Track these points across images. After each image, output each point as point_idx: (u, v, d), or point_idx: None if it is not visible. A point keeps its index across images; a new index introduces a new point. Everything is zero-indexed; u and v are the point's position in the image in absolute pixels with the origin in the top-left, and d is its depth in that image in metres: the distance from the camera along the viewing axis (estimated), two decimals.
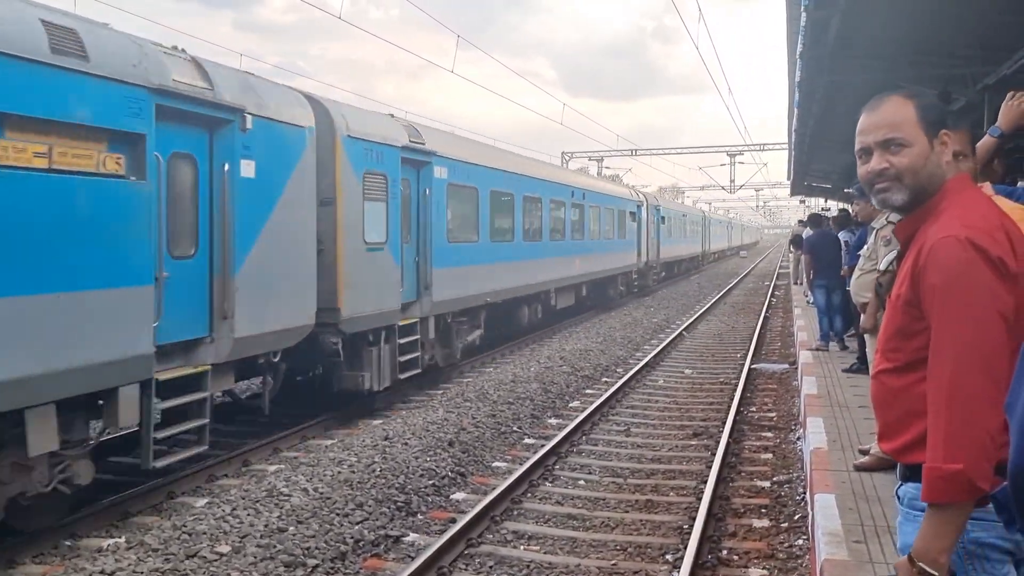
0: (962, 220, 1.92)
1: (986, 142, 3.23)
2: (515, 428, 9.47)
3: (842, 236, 11.34)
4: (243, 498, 6.63)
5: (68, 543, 6.16)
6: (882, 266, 5.89)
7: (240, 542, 5.74)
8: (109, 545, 5.90)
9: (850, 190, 13.71)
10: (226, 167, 7.44)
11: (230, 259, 7.45)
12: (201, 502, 6.88)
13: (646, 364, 13.39)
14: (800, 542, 5.92)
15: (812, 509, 5.34)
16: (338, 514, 6.36)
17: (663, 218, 31.04)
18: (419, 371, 11.19)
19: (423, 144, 11.32)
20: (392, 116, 11.31)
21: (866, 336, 7.42)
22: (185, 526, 6.03)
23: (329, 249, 9.07)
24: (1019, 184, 3.29)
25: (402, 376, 10.66)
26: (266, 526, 6.02)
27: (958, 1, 7.66)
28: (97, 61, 5.98)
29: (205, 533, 5.88)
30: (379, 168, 10.02)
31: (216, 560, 5.49)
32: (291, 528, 6.01)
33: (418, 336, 11.16)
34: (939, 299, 1.87)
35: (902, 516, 2.06)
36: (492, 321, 14.38)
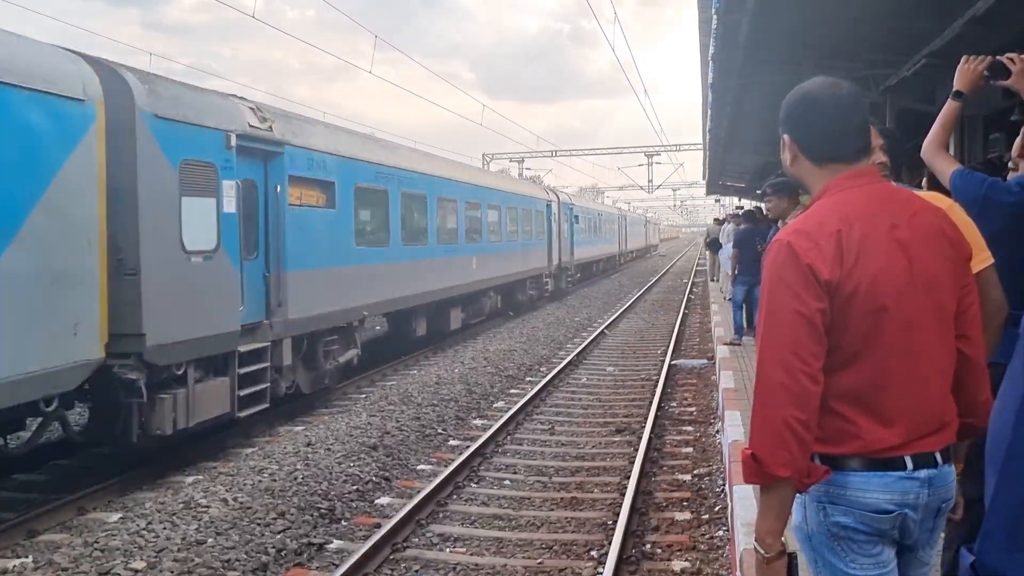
0: (800, 223, 2.03)
1: (949, 106, 3.27)
2: (440, 430, 9.43)
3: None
4: (159, 511, 6.43)
5: None
6: None
7: (156, 557, 5.56)
8: (15, 566, 5.63)
9: (760, 191, 14.09)
10: None
11: None
12: (114, 517, 6.63)
13: (569, 362, 13.51)
14: (720, 533, 6.05)
15: (731, 501, 5.47)
16: (259, 524, 6.22)
17: (577, 217, 30.00)
18: (266, 405, 9.19)
19: (270, 131, 9.43)
20: (234, 96, 9.46)
21: None
22: (97, 542, 5.81)
23: (131, 257, 7.24)
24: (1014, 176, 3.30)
25: (241, 414, 8.72)
26: (183, 539, 5.84)
27: (860, 8, 7.95)
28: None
29: (119, 549, 5.67)
30: (204, 157, 8.23)
31: None
32: (210, 540, 5.85)
33: (267, 363, 9.25)
34: (761, 296, 2.01)
35: None
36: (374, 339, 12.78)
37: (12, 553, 6.10)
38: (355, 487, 7.24)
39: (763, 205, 12.22)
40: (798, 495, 2.04)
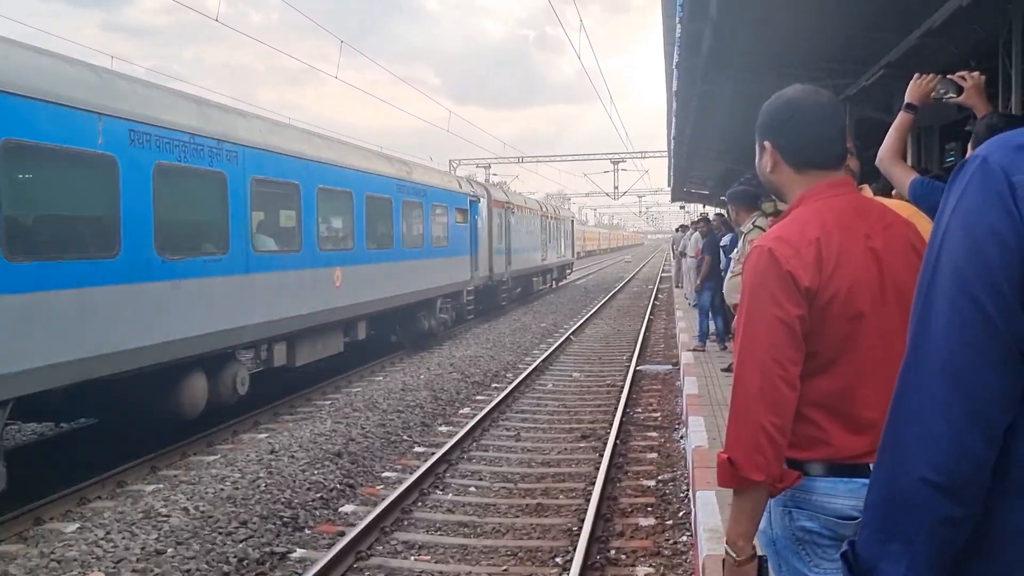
0: (780, 230, 2.04)
1: (902, 118, 3.34)
2: (405, 437, 9.39)
3: (723, 241, 11.80)
4: (118, 521, 6.32)
5: None
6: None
7: (114, 568, 5.46)
8: None
9: (724, 197, 14.22)
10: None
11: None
12: (71, 527, 6.51)
13: (535, 368, 13.51)
14: (684, 538, 6.09)
15: (694, 506, 5.51)
16: (220, 533, 6.15)
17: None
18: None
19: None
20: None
21: None
22: (53, 553, 5.69)
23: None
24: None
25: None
26: (143, 549, 5.75)
27: (821, 18, 8.09)
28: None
29: (76, 560, 5.57)
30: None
31: None
32: (170, 550, 5.77)
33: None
34: (741, 302, 2.02)
35: None
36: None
37: None
38: (319, 495, 7.18)
39: (726, 213, 12.39)
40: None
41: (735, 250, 7.71)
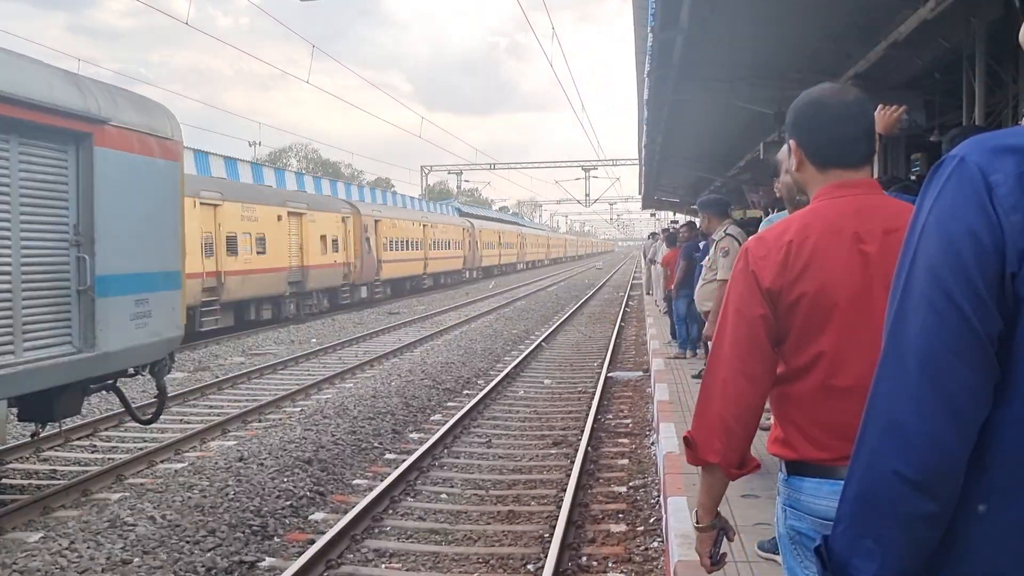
0: (767, 230, 2.10)
1: None
2: (376, 444, 9.34)
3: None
4: (83, 530, 6.22)
5: None
6: (721, 275, 6.31)
7: None
8: None
9: (695, 205, 14.34)
10: None
11: None
12: (35, 537, 6.39)
13: (507, 375, 13.51)
14: (655, 544, 6.11)
15: (666, 512, 5.53)
16: (188, 542, 6.07)
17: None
18: None
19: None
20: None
21: (709, 343, 7.80)
22: (16, 564, 5.58)
23: None
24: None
25: None
26: (108, 559, 5.66)
27: (790, 29, 8.19)
28: None
29: (39, 571, 5.47)
30: None
31: None
32: (136, 560, 5.68)
33: None
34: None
35: None
36: None
37: None
38: (289, 503, 7.12)
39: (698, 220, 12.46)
40: (777, 497, 2.11)
41: (706, 257, 7.78)
